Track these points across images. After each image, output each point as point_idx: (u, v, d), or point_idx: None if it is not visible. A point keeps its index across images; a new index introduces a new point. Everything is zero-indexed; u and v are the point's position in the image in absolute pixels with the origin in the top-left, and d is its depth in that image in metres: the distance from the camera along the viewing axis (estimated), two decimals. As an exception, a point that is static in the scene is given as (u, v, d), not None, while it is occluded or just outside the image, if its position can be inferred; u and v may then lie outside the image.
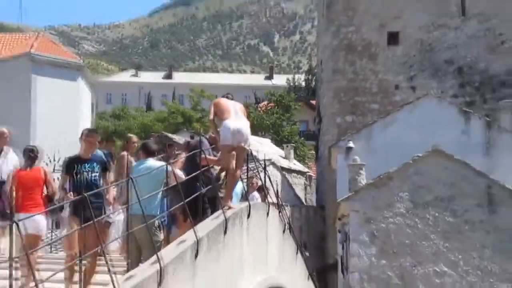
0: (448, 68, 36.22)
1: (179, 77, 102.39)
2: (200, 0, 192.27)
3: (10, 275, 7.76)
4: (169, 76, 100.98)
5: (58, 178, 12.22)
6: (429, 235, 23.14)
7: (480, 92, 35.55)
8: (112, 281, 6.90)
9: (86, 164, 10.17)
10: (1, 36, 53.93)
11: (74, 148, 12.51)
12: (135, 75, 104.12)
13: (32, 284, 7.61)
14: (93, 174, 10.10)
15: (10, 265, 7.81)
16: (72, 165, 9.96)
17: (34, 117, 38.28)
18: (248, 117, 12.36)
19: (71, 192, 9.68)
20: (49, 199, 10.86)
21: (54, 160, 18.61)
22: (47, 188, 11.01)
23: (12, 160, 12.69)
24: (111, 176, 11.56)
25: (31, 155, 11.36)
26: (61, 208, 10.75)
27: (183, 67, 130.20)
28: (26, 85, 40.96)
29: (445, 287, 22.71)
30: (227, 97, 12.52)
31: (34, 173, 11.28)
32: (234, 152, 11.61)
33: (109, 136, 17.06)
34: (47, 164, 15.03)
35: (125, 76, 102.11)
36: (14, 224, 6.77)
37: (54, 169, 14.58)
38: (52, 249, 14.81)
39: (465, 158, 23.95)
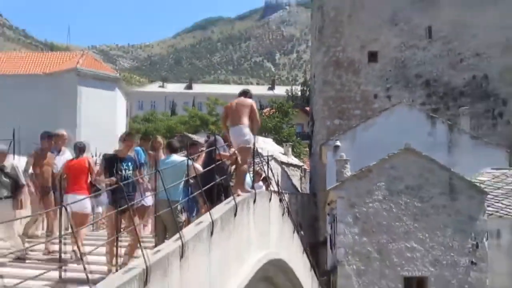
0: (417, 81, 40.58)
1: (198, 88, 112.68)
2: (215, 25, 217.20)
3: (60, 249, 8.54)
4: (189, 87, 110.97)
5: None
6: (402, 217, 25.08)
7: (443, 100, 39.75)
8: (143, 254, 7.20)
9: (123, 163, 10.77)
10: (52, 54, 60.45)
11: (112, 146, 14.43)
12: (162, 86, 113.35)
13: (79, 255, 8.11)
14: (128, 172, 10.75)
15: (60, 241, 8.75)
16: (111, 162, 10.64)
17: (80, 121, 40.99)
18: (253, 112, 12.84)
19: (113, 178, 10.31)
20: (91, 184, 11.45)
21: (96, 155, 19.51)
22: (90, 175, 11.57)
23: (67, 159, 12.87)
24: (143, 170, 12.16)
25: (79, 147, 12.07)
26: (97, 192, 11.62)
27: (201, 79, 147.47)
28: (73, 95, 43.99)
29: (414, 260, 24.64)
30: (241, 94, 13.18)
31: (81, 162, 11.88)
32: (236, 152, 12.37)
33: (143, 136, 18.22)
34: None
35: (154, 87, 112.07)
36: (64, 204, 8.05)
37: (96, 163, 13.83)
38: (94, 227, 15.43)
39: (431, 155, 26.39)
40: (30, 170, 12.93)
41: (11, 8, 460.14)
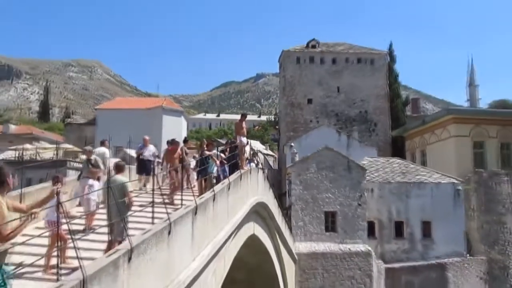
0: (331, 114, 49.89)
1: (223, 116, 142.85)
2: (231, 84, 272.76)
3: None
4: (218, 116, 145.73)
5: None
6: (323, 181, 28.75)
7: (345, 124, 49.32)
8: (195, 200, 8.50)
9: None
10: (149, 99, 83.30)
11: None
12: (204, 115, 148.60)
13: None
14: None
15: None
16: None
17: (163, 134, 46.89)
18: (246, 128, 15.07)
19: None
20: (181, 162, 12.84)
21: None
22: (181, 157, 13.28)
23: (151, 150, 14.50)
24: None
25: (174, 140, 14.06)
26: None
27: (225, 112, 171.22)
28: (159, 120, 54.48)
29: (330, 203, 28.30)
30: (241, 116, 15.42)
31: (174, 148, 13.79)
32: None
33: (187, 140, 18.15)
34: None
35: (201, 116, 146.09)
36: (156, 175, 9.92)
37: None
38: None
39: (339, 151, 31.09)
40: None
41: (128, 70, 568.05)
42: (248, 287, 18.79)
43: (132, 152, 20.42)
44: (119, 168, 9.05)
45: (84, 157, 11.51)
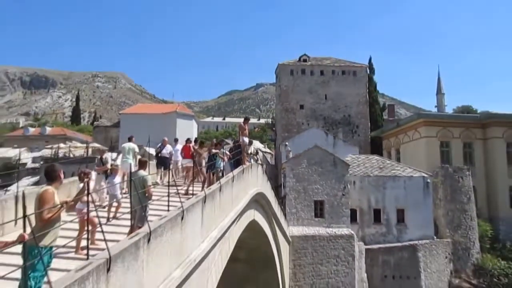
0: (320, 118, 49.94)
1: (228, 119, 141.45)
2: (235, 93, 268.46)
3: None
4: (224, 119, 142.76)
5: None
6: (313, 174, 28.68)
7: (332, 126, 49.12)
8: (204, 190, 8.72)
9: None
10: (165, 105, 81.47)
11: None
12: (212, 118, 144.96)
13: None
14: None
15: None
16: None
17: (176, 135, 45.30)
18: (247, 130, 14.83)
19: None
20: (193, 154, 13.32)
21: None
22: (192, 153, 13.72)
23: (168, 149, 14.60)
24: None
25: (189, 139, 14.52)
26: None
27: (229, 116, 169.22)
28: (174, 124, 54.01)
29: (319, 193, 28.24)
30: (244, 119, 15.18)
31: (188, 145, 14.26)
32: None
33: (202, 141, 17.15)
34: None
35: (209, 119, 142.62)
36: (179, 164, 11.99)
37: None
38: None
39: (326, 149, 31.08)
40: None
41: (147, 81, 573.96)
42: (249, 265, 18.93)
43: (151, 150, 20.31)
44: (141, 164, 8.80)
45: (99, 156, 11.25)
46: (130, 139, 13.02)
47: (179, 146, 14.75)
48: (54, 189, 4.97)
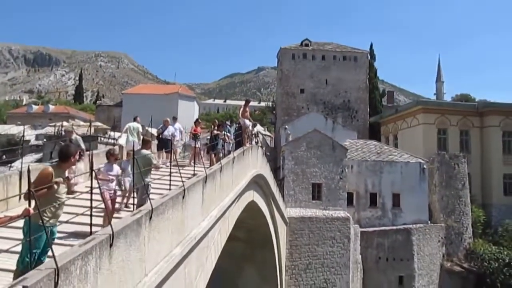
0: (320, 102, 49.47)
1: (229, 102, 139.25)
2: (236, 75, 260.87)
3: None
4: (225, 101, 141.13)
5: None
6: (311, 158, 28.36)
7: (331, 111, 48.85)
8: (205, 170, 8.62)
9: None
10: (168, 86, 78.59)
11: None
12: (213, 100, 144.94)
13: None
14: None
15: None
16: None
17: (178, 115, 45.46)
18: (249, 111, 14.97)
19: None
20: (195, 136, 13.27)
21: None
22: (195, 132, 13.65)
23: (170, 130, 14.23)
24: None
25: (198, 120, 14.54)
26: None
27: (231, 98, 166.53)
28: (175, 104, 54.13)
29: (317, 176, 28.04)
30: (245, 101, 15.32)
31: (198, 126, 14.19)
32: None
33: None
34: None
35: (210, 101, 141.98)
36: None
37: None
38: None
39: (325, 133, 30.74)
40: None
41: (150, 62, 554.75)
42: (247, 244, 19.07)
43: (153, 131, 20.27)
44: (145, 143, 8.69)
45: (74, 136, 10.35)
46: (135, 119, 13.09)
47: (178, 125, 14.66)
48: (53, 170, 4.83)
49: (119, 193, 8.18)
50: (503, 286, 29.32)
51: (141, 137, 11.32)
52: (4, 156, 29.78)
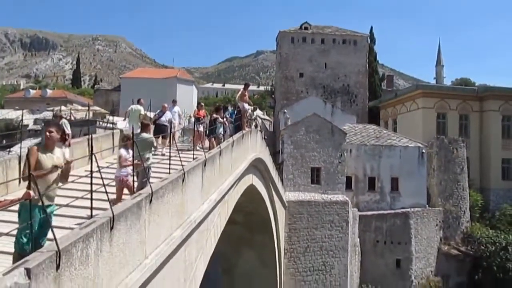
0: (319, 86, 49.41)
1: (228, 86, 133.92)
2: (235, 59, 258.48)
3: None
4: (223, 85, 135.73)
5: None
6: (310, 142, 28.13)
7: (330, 95, 48.81)
8: (204, 155, 8.76)
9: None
10: (166, 70, 77.13)
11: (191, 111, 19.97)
12: (212, 85, 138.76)
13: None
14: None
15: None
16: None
17: (177, 100, 45.92)
18: (248, 95, 14.83)
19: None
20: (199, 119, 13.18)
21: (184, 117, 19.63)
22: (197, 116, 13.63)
23: (167, 116, 13.84)
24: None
25: (201, 104, 14.37)
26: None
27: (229, 82, 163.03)
28: (174, 88, 53.81)
29: (315, 159, 27.96)
30: (244, 85, 15.18)
31: (200, 110, 14.04)
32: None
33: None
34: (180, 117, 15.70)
35: (209, 85, 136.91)
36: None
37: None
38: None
39: (324, 117, 30.62)
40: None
41: (148, 45, 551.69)
42: (246, 228, 19.26)
43: (151, 115, 20.01)
44: (144, 126, 8.71)
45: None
46: (139, 101, 13.00)
47: (177, 108, 14.51)
48: (37, 149, 4.85)
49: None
50: (499, 269, 29.60)
51: (141, 119, 11.18)
52: (4, 141, 29.78)
